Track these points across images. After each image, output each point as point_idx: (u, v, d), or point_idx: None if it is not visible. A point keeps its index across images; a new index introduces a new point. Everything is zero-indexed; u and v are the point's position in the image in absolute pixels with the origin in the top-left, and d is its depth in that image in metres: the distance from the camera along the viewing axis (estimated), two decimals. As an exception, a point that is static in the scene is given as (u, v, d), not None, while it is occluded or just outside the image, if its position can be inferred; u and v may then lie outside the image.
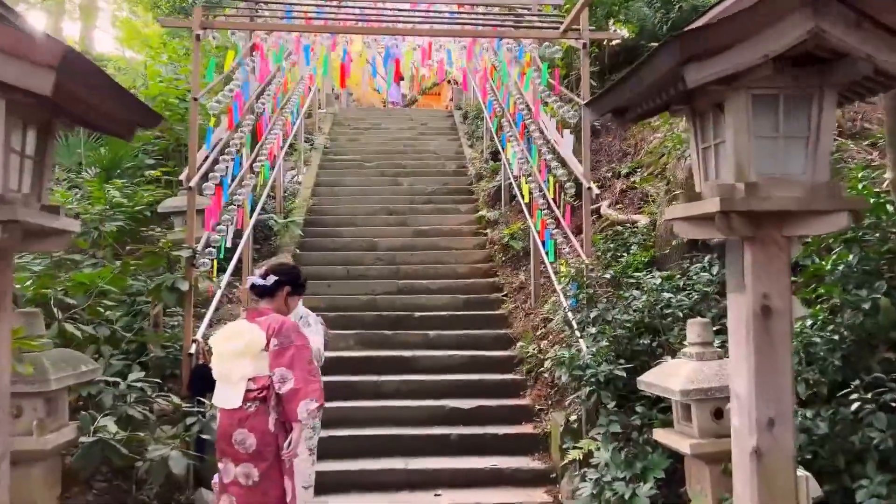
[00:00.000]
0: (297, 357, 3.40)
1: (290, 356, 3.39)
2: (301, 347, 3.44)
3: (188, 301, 5.12)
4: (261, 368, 3.42)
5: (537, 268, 7.35)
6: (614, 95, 3.01)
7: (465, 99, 14.96)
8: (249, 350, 3.40)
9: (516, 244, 8.19)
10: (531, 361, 6.45)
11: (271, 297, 3.68)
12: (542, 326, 6.84)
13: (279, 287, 3.71)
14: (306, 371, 3.41)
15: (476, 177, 10.81)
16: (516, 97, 8.06)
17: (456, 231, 9.41)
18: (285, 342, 3.41)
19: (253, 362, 3.41)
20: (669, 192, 5.90)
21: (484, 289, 8.03)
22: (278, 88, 8.70)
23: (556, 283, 6.29)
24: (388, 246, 8.97)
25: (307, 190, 10.38)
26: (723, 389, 3.73)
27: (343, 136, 13.01)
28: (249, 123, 6.88)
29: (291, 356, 3.39)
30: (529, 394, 6.20)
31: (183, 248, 5.04)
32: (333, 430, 5.71)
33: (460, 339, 7.04)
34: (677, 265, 5.54)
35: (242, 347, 3.40)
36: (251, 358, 3.41)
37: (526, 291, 7.59)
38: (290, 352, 3.40)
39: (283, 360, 3.38)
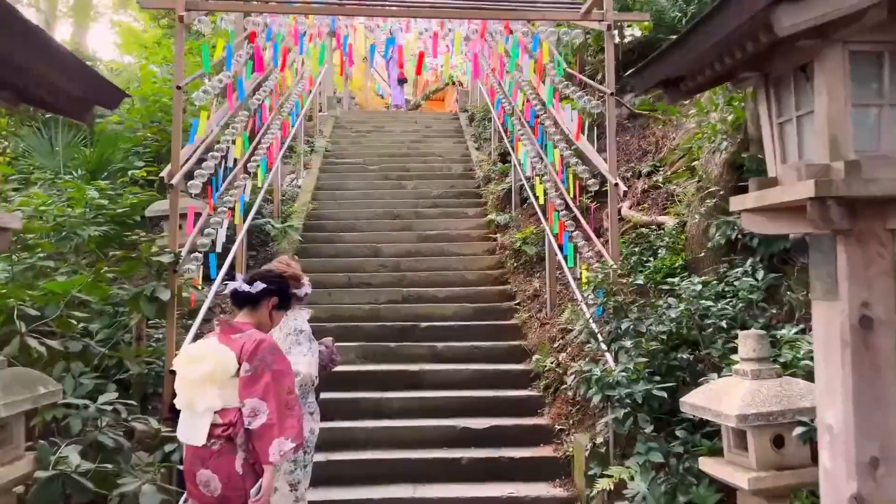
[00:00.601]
0: (274, 385, 2.85)
1: (265, 384, 2.84)
2: (279, 374, 2.90)
3: (171, 312, 4.59)
4: (230, 398, 2.88)
5: (553, 274, 6.81)
6: (668, 61, 2.48)
7: (470, 101, 14.49)
8: (216, 376, 2.86)
9: (529, 249, 7.66)
10: (549, 376, 5.91)
11: (254, 307, 3.15)
12: (559, 338, 6.30)
13: (265, 297, 3.17)
14: (283, 403, 2.86)
15: (484, 179, 10.30)
16: (528, 93, 7.55)
17: (464, 236, 8.89)
18: (260, 367, 2.87)
19: (220, 391, 2.87)
20: (701, 189, 5.36)
21: (495, 297, 7.49)
22: (275, 85, 8.22)
23: (577, 291, 5.75)
24: (393, 252, 8.45)
25: (307, 194, 9.88)
26: (785, 414, 3.20)
27: (345, 139, 12.53)
28: (242, 120, 6.38)
29: (266, 384, 2.84)
30: (548, 412, 5.65)
31: (164, 252, 4.51)
32: (332, 453, 5.19)
33: (470, 351, 6.50)
34: (713, 270, 5.00)
35: (208, 372, 2.86)
36: (218, 386, 2.87)
37: (541, 300, 7.05)
38: (264, 379, 2.85)
39: (255, 389, 2.84)
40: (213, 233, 5.27)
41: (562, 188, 6.27)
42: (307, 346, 3.75)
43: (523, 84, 7.88)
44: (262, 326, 3.16)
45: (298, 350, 3.67)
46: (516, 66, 7.85)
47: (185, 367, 2.97)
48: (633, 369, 3.86)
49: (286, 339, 3.71)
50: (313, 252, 8.50)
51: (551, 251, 6.75)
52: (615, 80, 5.20)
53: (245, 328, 3.02)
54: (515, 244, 7.92)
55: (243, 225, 6.61)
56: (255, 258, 8.18)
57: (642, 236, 6.12)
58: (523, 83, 7.92)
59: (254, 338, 2.94)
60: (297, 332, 3.74)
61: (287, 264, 3.55)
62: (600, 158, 5.34)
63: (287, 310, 3.41)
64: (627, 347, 4.04)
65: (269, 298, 3.16)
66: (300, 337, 3.74)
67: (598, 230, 6.58)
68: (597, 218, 6.59)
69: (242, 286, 3.13)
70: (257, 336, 2.96)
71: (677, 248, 5.63)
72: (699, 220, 5.24)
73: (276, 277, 3.25)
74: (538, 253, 7.58)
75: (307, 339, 3.77)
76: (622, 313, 4.46)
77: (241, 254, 6.59)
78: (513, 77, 8.44)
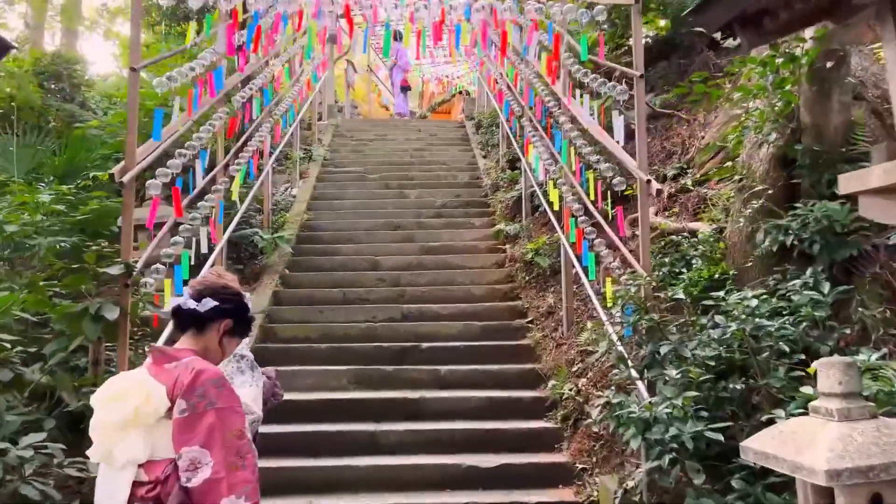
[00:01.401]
0: (219, 428, 2.13)
1: (208, 428, 2.12)
2: (226, 413, 2.17)
3: (122, 333, 3.88)
4: (159, 447, 2.15)
5: (570, 288, 6.08)
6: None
7: (477, 108, 13.86)
8: (140, 418, 2.14)
9: (542, 261, 6.93)
10: (568, 405, 5.17)
11: (200, 330, 2.43)
12: (578, 360, 5.56)
13: (217, 317, 2.44)
14: (233, 450, 2.13)
15: (492, 188, 9.61)
16: (540, 89, 6.87)
17: (470, 247, 8.18)
18: (199, 404, 2.15)
19: (146, 438, 2.15)
20: (744, 189, 4.64)
21: (505, 314, 6.76)
22: (265, 84, 7.57)
23: (599, 308, 5.02)
24: (392, 265, 7.74)
25: (302, 204, 9.21)
26: (890, 468, 2.44)
27: (345, 148, 11.88)
28: (221, 117, 5.71)
29: (209, 428, 2.12)
30: (567, 447, 4.90)
31: (113, 264, 3.81)
32: (319, 497, 4.47)
33: (478, 375, 5.76)
34: (760, 282, 4.26)
35: (129, 414, 2.14)
36: (144, 431, 2.15)
37: (556, 317, 6.31)
38: (206, 420, 2.13)
39: (195, 435, 2.12)
40: (180, 241, 4.57)
41: (580, 191, 5.55)
42: (250, 374, 3.02)
43: (534, 80, 7.21)
44: (209, 356, 2.44)
45: (242, 380, 2.95)
46: (526, 63, 7.21)
47: (102, 408, 2.25)
48: (680, 405, 3.10)
49: (226, 366, 3.00)
50: (306, 265, 7.81)
51: (568, 262, 6.03)
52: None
53: (182, 356, 2.30)
54: (527, 256, 7.20)
55: (223, 235, 5.90)
56: (241, 273, 7.49)
57: (672, 245, 5.39)
58: (534, 79, 7.25)
59: (192, 367, 2.22)
60: (238, 357, 3.03)
61: (219, 275, 2.82)
62: (626, 154, 4.63)
63: (245, 337, 2.66)
64: (671, 377, 3.29)
65: (220, 320, 2.43)
66: (242, 364, 3.02)
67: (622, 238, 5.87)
68: (615, 226, 5.87)
69: (187, 302, 2.41)
70: (198, 365, 2.23)
71: (715, 258, 4.90)
72: (742, 224, 4.51)
73: (232, 295, 2.50)
74: (552, 265, 6.86)
75: (249, 366, 3.05)
76: (658, 334, 3.72)
77: (219, 266, 5.88)
78: (522, 72, 7.79)
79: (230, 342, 2.50)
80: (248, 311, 2.57)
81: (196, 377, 2.17)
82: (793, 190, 4.48)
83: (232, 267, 7.35)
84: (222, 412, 2.16)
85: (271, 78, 7.98)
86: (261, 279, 7.33)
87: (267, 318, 6.67)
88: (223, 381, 2.25)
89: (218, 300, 2.41)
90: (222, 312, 2.44)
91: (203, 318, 2.39)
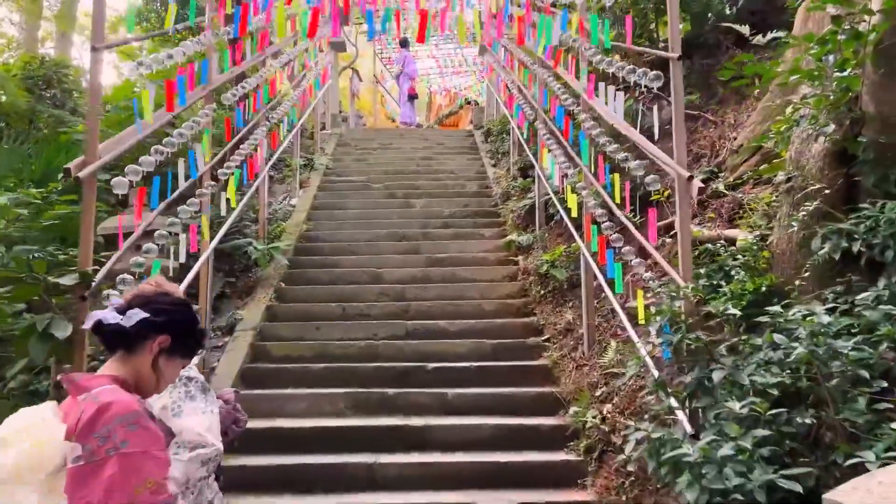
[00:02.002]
0: (124, 481, 1.57)
1: (107, 481, 1.56)
2: (135, 460, 1.60)
3: (79, 354, 3.32)
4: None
5: (591, 303, 5.50)
6: None
7: (486, 116, 13.36)
8: (29, 471, 1.59)
9: (559, 273, 6.36)
10: (591, 434, 4.58)
11: (129, 350, 1.88)
12: (602, 384, 4.97)
13: (148, 333, 1.88)
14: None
15: (502, 197, 9.06)
16: (557, 88, 6.36)
17: (480, 259, 7.61)
18: (100, 450, 1.59)
19: (39, 494, 1.59)
20: (794, 190, 4.06)
21: (518, 331, 6.18)
22: (261, 84, 7.10)
23: (628, 324, 4.45)
24: (396, 278, 7.19)
25: (301, 213, 8.69)
26: None
27: (348, 157, 11.37)
28: (207, 114, 5.20)
29: (109, 481, 1.56)
30: (592, 484, 4.30)
31: (66, 272, 3.27)
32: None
33: (489, 399, 5.18)
34: (815, 296, 3.68)
35: (13, 465, 1.59)
36: (33, 488, 1.59)
37: (575, 335, 5.73)
38: (107, 471, 1.57)
39: (89, 491, 1.56)
40: (153, 249, 4.04)
41: (604, 195, 4.99)
42: (203, 398, 2.46)
43: (550, 80, 6.70)
44: (143, 383, 1.89)
45: (192, 407, 2.40)
46: (540, 62, 6.69)
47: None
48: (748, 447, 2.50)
49: (172, 392, 2.45)
50: (303, 278, 7.26)
51: (589, 274, 5.46)
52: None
53: (95, 384, 1.74)
54: (541, 268, 6.63)
55: (209, 244, 5.37)
56: (233, 286, 6.96)
57: (708, 255, 4.82)
58: (550, 79, 6.74)
59: (99, 400, 1.66)
60: (186, 380, 2.47)
61: (157, 284, 2.27)
62: (658, 150, 4.08)
63: (191, 357, 2.10)
64: (730, 409, 2.69)
65: (153, 337, 1.88)
66: (192, 387, 2.46)
67: (642, 248, 5.30)
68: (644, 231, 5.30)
69: (108, 316, 1.86)
70: (105, 397, 1.67)
71: (759, 268, 4.32)
72: (794, 230, 3.93)
73: (168, 304, 1.95)
74: (570, 277, 6.29)
75: (200, 389, 2.49)
76: (705, 357, 3.14)
77: (205, 280, 5.35)
78: (536, 72, 7.29)
79: (170, 364, 1.94)
80: (192, 324, 2.01)
81: (97, 414, 1.62)
82: (851, 189, 3.91)
83: (223, 279, 6.82)
84: (130, 459, 1.59)
85: (267, 79, 7.50)
86: (254, 293, 6.79)
87: (258, 335, 6.11)
88: (138, 418, 1.68)
89: (149, 311, 1.86)
90: (155, 327, 1.89)
91: (130, 335, 1.84)
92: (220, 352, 5.80)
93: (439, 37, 18.20)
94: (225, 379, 5.36)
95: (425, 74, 19.98)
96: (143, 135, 4.07)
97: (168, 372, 1.93)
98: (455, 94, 22.03)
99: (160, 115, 4.27)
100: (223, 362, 5.59)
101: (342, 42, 14.02)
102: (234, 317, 6.26)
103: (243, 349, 5.79)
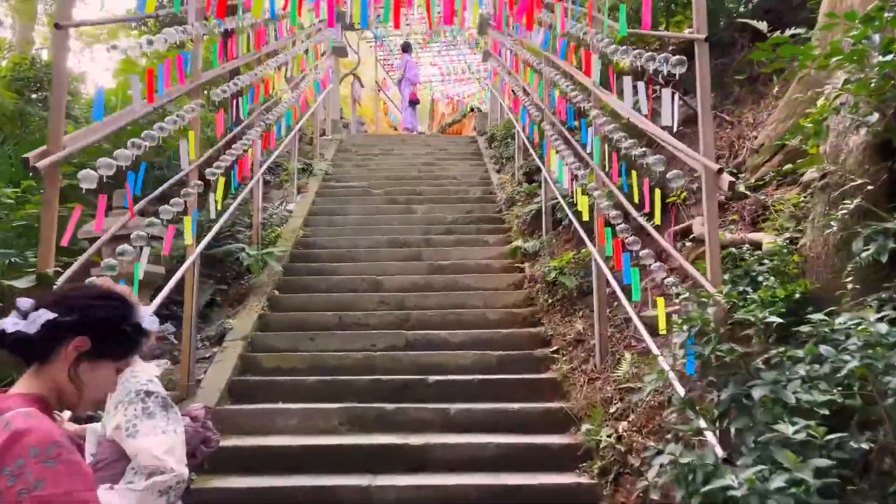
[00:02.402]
0: None
1: None
2: (51, 500, 1.28)
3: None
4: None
5: (603, 311, 5.14)
6: None
7: (490, 122, 13.05)
8: None
9: (568, 281, 5.99)
10: (606, 454, 4.20)
11: (43, 360, 1.53)
12: (617, 399, 4.60)
13: (61, 336, 1.53)
14: None
15: (507, 202, 8.72)
16: (565, 86, 6.03)
17: (484, 266, 7.26)
18: (10, 491, 1.27)
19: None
20: (829, 187, 3.71)
21: (525, 342, 5.81)
22: (258, 86, 6.79)
23: (647, 335, 4.08)
24: (396, 286, 6.83)
25: (298, 219, 8.35)
26: None
27: (348, 162, 11.07)
28: (194, 108, 4.87)
29: None
30: (608, 510, 3.93)
31: (24, 274, 2.91)
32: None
33: (495, 416, 4.81)
34: (857, 303, 3.32)
35: None
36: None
37: (586, 346, 5.36)
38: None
39: None
40: (130, 252, 3.70)
41: (619, 195, 4.64)
42: (163, 416, 2.11)
43: (558, 78, 6.38)
44: (64, 398, 1.54)
45: (151, 426, 2.06)
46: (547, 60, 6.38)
47: None
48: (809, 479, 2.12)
49: (127, 409, 2.11)
50: (298, 286, 6.92)
51: (601, 281, 5.10)
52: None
53: (7, 406, 1.40)
54: (549, 275, 6.26)
55: (195, 248, 5.02)
56: (224, 294, 6.62)
57: (731, 259, 4.45)
58: (558, 77, 6.42)
59: (10, 428, 1.32)
60: (143, 395, 2.12)
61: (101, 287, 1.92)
62: (681, 143, 3.73)
63: (124, 359, 1.73)
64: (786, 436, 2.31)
65: (66, 340, 1.53)
66: (150, 403, 2.11)
67: (660, 252, 4.95)
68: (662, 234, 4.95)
69: (8, 322, 1.51)
70: (18, 424, 1.33)
71: (790, 273, 3.96)
72: (833, 230, 3.57)
73: (83, 300, 1.60)
74: (580, 285, 5.93)
75: (160, 405, 2.14)
76: (742, 371, 2.77)
77: (190, 286, 5.00)
78: (543, 70, 6.98)
79: (96, 370, 1.58)
80: (119, 320, 1.65)
81: (6, 445, 1.28)
82: (893, 186, 3.56)
83: (213, 287, 6.48)
84: (42, 502, 1.26)
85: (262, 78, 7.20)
86: (246, 301, 6.44)
87: (249, 345, 5.75)
88: (59, 451, 1.34)
89: (59, 311, 1.51)
90: (68, 328, 1.54)
91: (37, 342, 1.50)
92: (207, 363, 5.44)
93: (443, 43, 17.97)
94: (211, 392, 5.00)
95: (427, 81, 19.70)
96: (116, 126, 3.73)
97: (95, 380, 1.58)
98: (458, 101, 21.73)
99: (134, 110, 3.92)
100: (209, 374, 5.23)
101: (343, 47, 13.75)
102: (224, 326, 5.91)
103: (232, 360, 5.43)
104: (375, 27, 15.84)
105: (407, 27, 16.46)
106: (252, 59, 6.78)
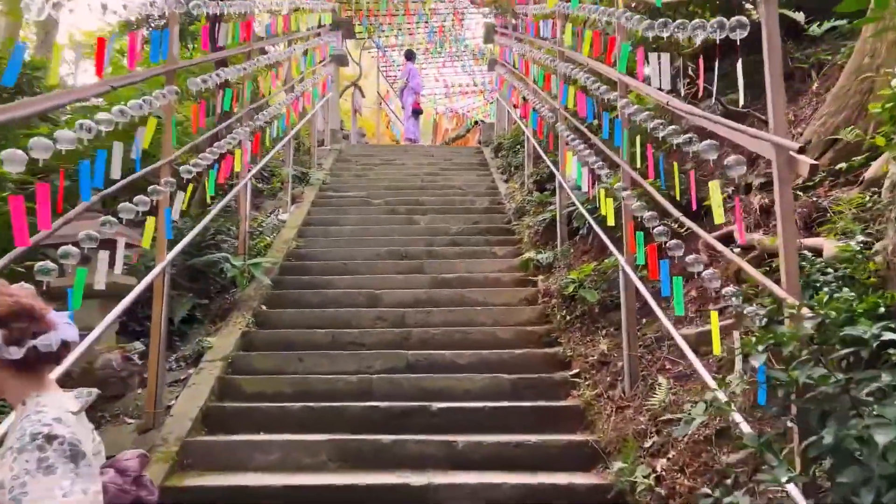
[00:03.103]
0: None
1: None
2: None
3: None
4: None
5: (632, 329, 4.48)
6: None
7: (496, 132, 12.51)
8: None
9: (590, 295, 5.34)
10: (643, 499, 3.53)
11: None
12: (653, 431, 3.93)
13: None
14: None
15: (516, 213, 8.11)
16: (584, 78, 5.44)
17: (493, 280, 6.61)
18: None
19: None
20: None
21: (541, 364, 5.14)
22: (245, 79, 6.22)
23: (692, 355, 3.42)
24: (396, 301, 6.19)
25: (291, 230, 7.74)
26: None
27: (347, 172, 10.49)
28: (167, 96, 4.27)
29: None
30: (649, 570, 3.24)
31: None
32: None
33: (509, 450, 4.13)
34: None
35: None
36: None
37: (612, 369, 4.70)
38: None
39: None
40: (74, 253, 3.07)
41: (654, 193, 4.01)
42: (67, 471, 1.50)
43: (574, 72, 5.79)
44: None
45: (46, 486, 1.46)
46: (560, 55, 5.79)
47: None
48: None
49: (16, 459, 1.50)
50: (288, 300, 6.27)
51: (630, 294, 4.46)
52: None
53: None
54: (567, 289, 5.61)
55: (165, 255, 4.39)
56: (206, 309, 5.98)
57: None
58: (573, 71, 5.83)
59: None
60: (43, 440, 1.51)
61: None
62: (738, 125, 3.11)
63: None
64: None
65: None
66: (49, 452, 1.51)
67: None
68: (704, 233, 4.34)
69: None
70: None
71: (865, 283, 3.32)
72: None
73: None
74: (602, 300, 5.28)
75: (65, 455, 1.52)
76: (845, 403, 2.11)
77: (160, 298, 4.36)
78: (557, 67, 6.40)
79: None
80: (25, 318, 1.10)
81: None
82: None
83: (193, 300, 5.83)
84: None
85: (254, 75, 6.63)
86: (229, 317, 5.78)
87: (229, 366, 5.09)
88: None
89: None
90: None
91: None
92: (179, 386, 4.79)
93: (447, 53, 17.49)
94: (182, 420, 4.33)
95: (431, 94, 19.21)
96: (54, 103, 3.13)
97: None
98: (462, 115, 21.20)
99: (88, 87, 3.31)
100: (181, 400, 4.57)
101: (343, 55, 13.25)
102: (202, 345, 5.25)
103: (208, 384, 4.77)
104: (377, 36, 15.39)
105: (409, 36, 16.02)
106: (241, 53, 6.21)
